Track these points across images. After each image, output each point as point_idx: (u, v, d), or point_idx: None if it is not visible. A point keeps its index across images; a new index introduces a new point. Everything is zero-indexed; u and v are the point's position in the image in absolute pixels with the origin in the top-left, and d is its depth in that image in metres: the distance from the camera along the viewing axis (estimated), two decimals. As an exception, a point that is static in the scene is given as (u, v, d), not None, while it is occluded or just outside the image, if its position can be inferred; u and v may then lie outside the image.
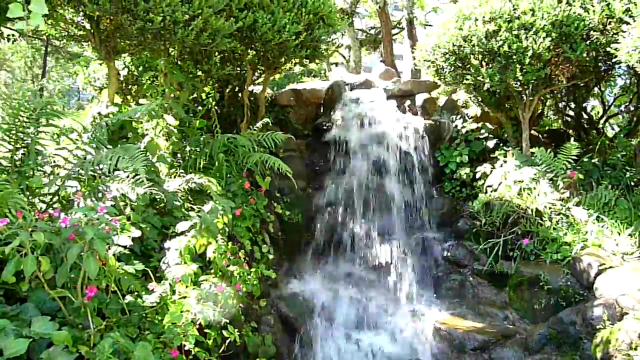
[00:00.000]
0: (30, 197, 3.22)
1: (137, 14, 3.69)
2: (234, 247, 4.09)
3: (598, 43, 5.01)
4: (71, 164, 3.51)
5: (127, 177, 3.65)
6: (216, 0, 4.09)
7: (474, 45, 5.36)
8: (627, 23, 4.66)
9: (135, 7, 3.66)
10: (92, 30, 4.22)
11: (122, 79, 5.88)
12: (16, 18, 3.02)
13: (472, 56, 5.45)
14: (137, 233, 3.37)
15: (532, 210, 5.11)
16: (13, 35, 3.72)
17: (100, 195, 3.53)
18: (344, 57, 18.39)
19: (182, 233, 3.66)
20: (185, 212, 4.17)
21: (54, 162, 3.69)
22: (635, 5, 4.74)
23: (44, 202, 3.40)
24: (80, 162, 3.45)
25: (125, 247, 3.21)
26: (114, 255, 3.05)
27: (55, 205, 3.37)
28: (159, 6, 3.69)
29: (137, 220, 3.70)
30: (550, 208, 5.10)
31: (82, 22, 4.41)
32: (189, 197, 4.44)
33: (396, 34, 18.44)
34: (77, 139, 3.73)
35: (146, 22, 3.73)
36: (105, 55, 4.34)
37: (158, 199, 4.00)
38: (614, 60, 4.95)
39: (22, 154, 3.35)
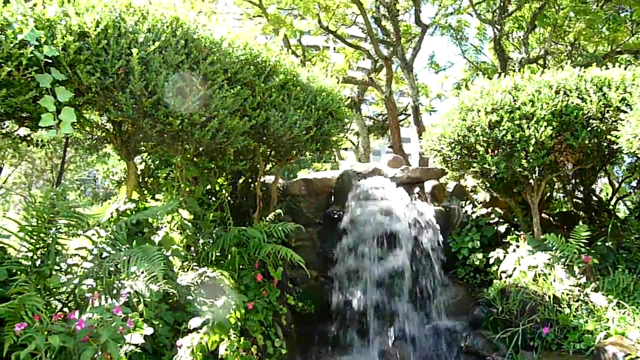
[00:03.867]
0: (47, 297, 3.27)
1: (158, 117, 3.93)
2: (247, 342, 4.03)
3: (599, 130, 5.17)
4: (88, 262, 3.58)
5: (142, 273, 3.71)
6: (231, 102, 4.35)
7: (478, 135, 5.54)
8: (625, 112, 4.83)
9: (156, 112, 3.91)
10: (114, 133, 4.48)
11: (139, 172, 6.11)
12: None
13: (477, 144, 5.62)
14: (149, 330, 3.37)
15: (549, 297, 5.01)
16: (42, 140, 3.98)
17: (115, 292, 3.57)
18: (353, 143, 18.94)
19: (195, 329, 3.65)
20: (197, 306, 4.17)
21: (70, 256, 3.78)
22: (631, 95, 4.95)
23: (59, 300, 3.44)
24: (97, 260, 3.53)
25: (137, 345, 3.19)
26: (125, 354, 3.04)
27: (70, 304, 3.41)
28: (178, 110, 3.94)
29: (150, 317, 3.70)
30: (568, 294, 5.00)
31: (105, 125, 4.69)
32: (202, 291, 4.45)
33: (403, 119, 19.13)
34: (94, 234, 3.83)
35: (165, 125, 3.97)
36: (126, 155, 4.57)
37: (171, 293, 4.02)
38: (616, 146, 5.08)
39: (41, 253, 3.45)
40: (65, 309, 3.38)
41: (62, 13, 3.84)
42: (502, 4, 13.90)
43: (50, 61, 3.55)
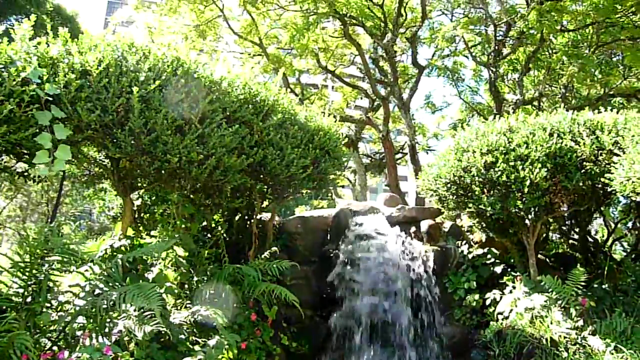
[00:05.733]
0: (37, 335, 3.21)
1: (156, 155, 3.97)
2: (239, 384, 3.95)
3: (592, 173, 5.21)
4: (80, 299, 3.54)
5: (135, 310, 3.66)
6: (229, 140, 4.40)
7: (473, 176, 5.57)
8: (617, 154, 4.90)
9: (154, 149, 3.95)
10: (112, 169, 4.51)
11: (135, 208, 6.10)
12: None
13: (473, 185, 5.65)
14: (139, 371, 3.30)
15: (546, 340, 4.94)
16: (39, 176, 3.99)
17: (106, 330, 3.52)
18: (350, 181, 19.02)
19: (186, 370, 3.58)
20: (190, 346, 4.09)
21: (62, 293, 3.72)
22: (623, 138, 5.03)
23: (49, 339, 3.38)
24: (89, 297, 3.49)
25: (126, 386, 3.12)
26: (114, 396, 2.97)
27: (60, 343, 3.35)
28: (176, 147, 3.98)
29: (141, 357, 3.63)
30: (565, 337, 4.93)
31: (103, 161, 4.72)
32: (195, 330, 4.38)
33: (400, 158, 19.27)
34: (87, 270, 3.79)
35: (163, 162, 4.00)
36: (123, 191, 4.59)
37: (163, 332, 3.96)
38: (611, 188, 5.11)
39: (32, 289, 3.41)
40: (55, 348, 3.32)
41: (65, 51, 3.94)
42: (496, 47, 14.24)
43: (51, 98, 3.61)
